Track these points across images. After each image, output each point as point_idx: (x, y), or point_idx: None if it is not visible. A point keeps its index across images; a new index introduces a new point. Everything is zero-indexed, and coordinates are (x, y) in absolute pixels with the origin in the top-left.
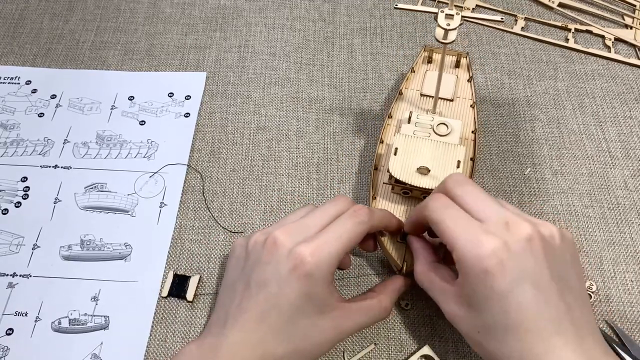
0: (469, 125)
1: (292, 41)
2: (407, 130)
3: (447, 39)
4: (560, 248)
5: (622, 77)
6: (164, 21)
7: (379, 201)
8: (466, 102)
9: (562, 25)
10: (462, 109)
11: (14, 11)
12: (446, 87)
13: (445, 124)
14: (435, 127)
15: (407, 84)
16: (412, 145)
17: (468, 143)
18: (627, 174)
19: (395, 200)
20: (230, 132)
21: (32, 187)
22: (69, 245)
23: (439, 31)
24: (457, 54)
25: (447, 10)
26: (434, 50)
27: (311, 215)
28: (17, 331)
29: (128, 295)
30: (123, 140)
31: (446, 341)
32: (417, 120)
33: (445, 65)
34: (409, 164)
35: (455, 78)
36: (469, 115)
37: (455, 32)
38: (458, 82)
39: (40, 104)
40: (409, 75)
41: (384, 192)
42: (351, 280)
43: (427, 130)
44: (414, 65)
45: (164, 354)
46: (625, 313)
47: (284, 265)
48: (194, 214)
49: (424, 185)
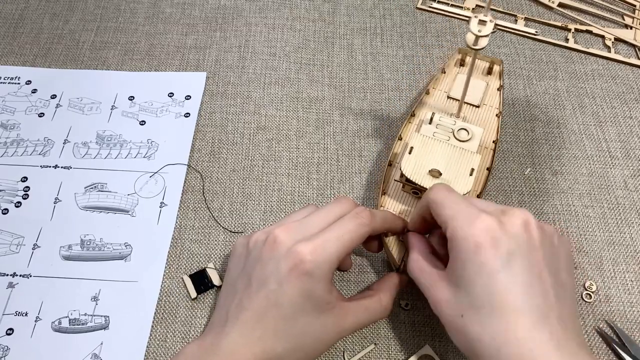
0: (491, 134)
1: (292, 41)
2: (427, 131)
3: (477, 45)
4: (557, 247)
5: (622, 77)
6: (164, 21)
7: (388, 198)
8: (492, 111)
9: (562, 25)
10: (487, 117)
11: (14, 11)
12: (474, 93)
13: (467, 130)
14: (456, 131)
15: (435, 84)
16: (429, 147)
17: (487, 152)
18: (627, 174)
19: (405, 199)
20: (230, 132)
21: (32, 187)
22: (69, 245)
23: (470, 37)
24: (491, 61)
25: (482, 17)
26: (469, 53)
27: (313, 215)
28: (17, 331)
29: (128, 295)
30: (123, 140)
31: (446, 341)
32: (438, 122)
33: (477, 70)
34: (422, 164)
35: (485, 85)
36: (492, 124)
37: (487, 39)
38: (487, 89)
39: (41, 104)
40: (439, 76)
41: (395, 190)
42: (351, 279)
43: (447, 133)
44: (446, 66)
45: (164, 354)
46: (625, 313)
47: (284, 263)
48: (194, 214)
49: None
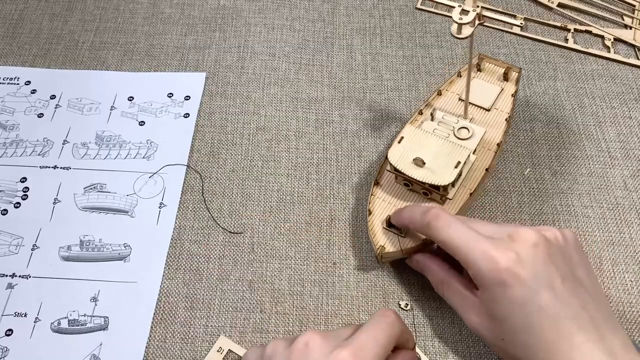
0: (496, 136)
1: (292, 41)
2: (428, 127)
3: (461, 35)
4: (565, 247)
5: (621, 77)
6: (163, 22)
7: (380, 188)
8: (502, 115)
9: (561, 25)
10: (496, 121)
11: (13, 11)
12: (487, 96)
13: (467, 129)
14: (457, 129)
15: (448, 86)
16: (419, 138)
17: (489, 153)
18: (627, 174)
19: (396, 191)
20: (229, 133)
21: (32, 188)
22: (69, 245)
23: (454, 26)
24: (507, 67)
25: (465, 6)
26: (486, 59)
27: (332, 329)
28: (16, 332)
29: (127, 296)
30: (122, 140)
31: (446, 341)
32: (441, 120)
33: (492, 75)
34: (409, 154)
35: (499, 89)
36: (500, 127)
37: (470, 28)
38: (501, 94)
39: (40, 104)
40: (454, 79)
41: (388, 181)
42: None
43: (448, 130)
44: (462, 69)
45: (163, 355)
46: (625, 313)
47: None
48: (193, 215)
49: (414, 176)
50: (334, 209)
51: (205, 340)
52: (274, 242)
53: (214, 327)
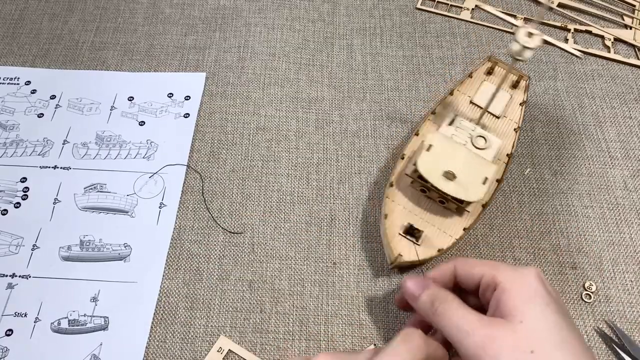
0: (506, 147)
1: (292, 41)
2: (445, 132)
3: (521, 57)
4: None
5: (621, 77)
6: (163, 22)
7: (396, 190)
8: (511, 124)
9: (561, 25)
10: (505, 130)
11: (13, 11)
12: (497, 104)
13: (485, 138)
14: (474, 137)
15: (460, 87)
16: (448, 148)
17: (500, 164)
18: (627, 174)
19: (411, 194)
20: (229, 133)
21: (32, 188)
22: (69, 245)
23: (516, 47)
24: (519, 75)
25: (531, 29)
26: (499, 63)
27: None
28: (16, 332)
29: (127, 296)
30: (122, 140)
31: None
32: (458, 125)
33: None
34: (438, 164)
35: (509, 97)
36: (509, 137)
37: (532, 52)
38: (510, 102)
39: (40, 104)
40: (465, 80)
41: (402, 183)
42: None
43: (464, 137)
44: (474, 71)
45: (163, 354)
46: (625, 313)
47: None
48: (193, 215)
49: (445, 190)
50: (334, 209)
51: (205, 340)
52: (274, 242)
53: (214, 327)
